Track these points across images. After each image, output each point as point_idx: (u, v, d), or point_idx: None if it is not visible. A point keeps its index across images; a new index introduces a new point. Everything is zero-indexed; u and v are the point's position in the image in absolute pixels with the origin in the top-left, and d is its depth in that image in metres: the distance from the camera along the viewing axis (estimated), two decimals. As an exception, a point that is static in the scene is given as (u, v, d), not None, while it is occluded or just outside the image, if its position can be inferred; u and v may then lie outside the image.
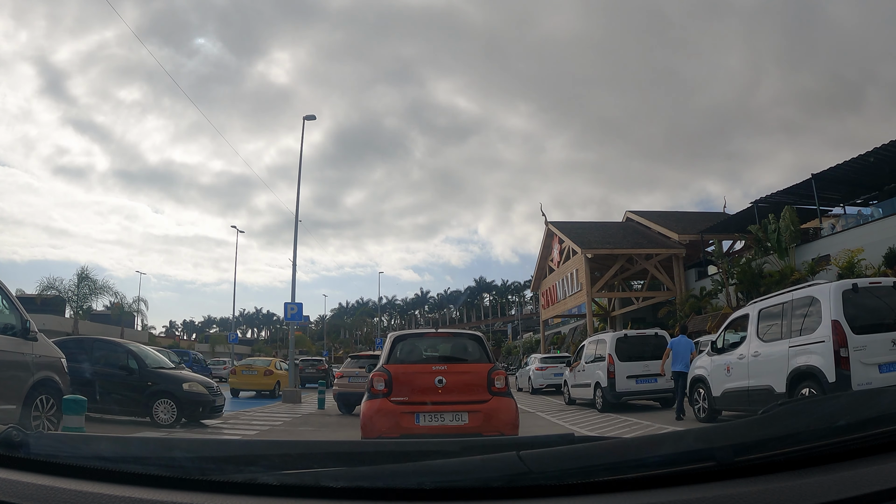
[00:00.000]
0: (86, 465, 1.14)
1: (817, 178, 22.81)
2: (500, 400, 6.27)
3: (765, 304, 9.09)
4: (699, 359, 10.78)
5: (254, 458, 1.23)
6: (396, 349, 6.75)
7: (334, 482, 1.06)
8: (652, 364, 13.08)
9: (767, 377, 8.37)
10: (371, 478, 1.10)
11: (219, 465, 1.15)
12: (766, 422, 1.16)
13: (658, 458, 1.07)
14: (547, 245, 40.39)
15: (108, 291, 39.06)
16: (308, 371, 27.80)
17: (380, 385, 6.22)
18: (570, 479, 1.04)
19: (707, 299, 27.21)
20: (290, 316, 19.80)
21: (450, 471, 1.11)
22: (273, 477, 1.09)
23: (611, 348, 13.43)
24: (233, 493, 1.07)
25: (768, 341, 8.61)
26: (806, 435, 1.07)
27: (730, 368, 9.38)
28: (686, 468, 1.04)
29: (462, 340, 7.20)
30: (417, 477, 1.07)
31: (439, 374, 6.24)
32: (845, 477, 0.97)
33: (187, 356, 31.88)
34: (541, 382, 21.43)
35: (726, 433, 1.15)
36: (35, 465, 1.15)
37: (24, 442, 1.19)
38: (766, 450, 1.04)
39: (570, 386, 16.19)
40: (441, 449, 1.33)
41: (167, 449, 1.29)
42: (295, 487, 1.07)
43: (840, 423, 1.09)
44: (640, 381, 13.17)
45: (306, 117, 20.95)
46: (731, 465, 1.02)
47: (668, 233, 32.68)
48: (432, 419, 6.06)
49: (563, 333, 52.71)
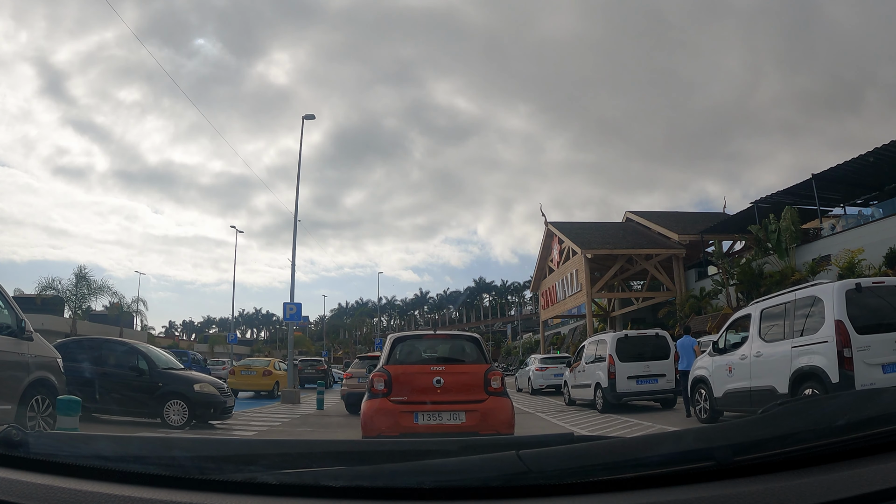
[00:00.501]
0: (85, 464, 1.14)
1: (817, 178, 22.86)
2: (497, 399, 6.46)
3: (767, 304, 9.04)
4: (701, 359, 10.73)
5: (253, 458, 1.24)
6: (396, 350, 6.94)
7: (334, 481, 1.07)
8: (653, 364, 13.06)
9: (770, 377, 8.33)
10: (370, 477, 1.10)
11: (218, 465, 1.16)
12: (765, 422, 1.16)
13: (657, 458, 1.08)
14: (546, 245, 40.45)
15: (107, 291, 39.13)
16: (307, 371, 27.88)
17: (380, 385, 6.42)
18: (569, 479, 1.05)
19: (707, 300, 27.29)
20: (289, 316, 19.80)
21: (449, 470, 1.12)
22: (272, 476, 1.10)
23: (611, 349, 13.36)
24: (232, 492, 1.07)
25: (770, 341, 8.56)
26: (805, 435, 1.08)
27: (731, 369, 9.34)
28: (685, 468, 1.04)
29: (460, 342, 7.42)
30: (417, 476, 1.08)
31: (437, 374, 6.44)
32: (845, 477, 0.98)
33: (186, 356, 31.66)
34: (541, 383, 21.50)
35: (725, 433, 1.16)
36: (35, 465, 1.16)
37: (24, 441, 1.19)
38: (765, 449, 1.05)
39: (570, 386, 16.18)
40: (440, 448, 1.34)
41: (167, 448, 1.29)
42: (294, 487, 1.08)
43: (839, 423, 1.10)
44: (641, 381, 13.09)
45: (305, 117, 20.98)
46: (731, 464, 1.02)
47: (668, 233, 32.74)
48: (430, 418, 6.25)
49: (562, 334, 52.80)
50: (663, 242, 32.62)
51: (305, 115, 20.99)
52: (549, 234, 39.30)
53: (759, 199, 26.73)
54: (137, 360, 10.60)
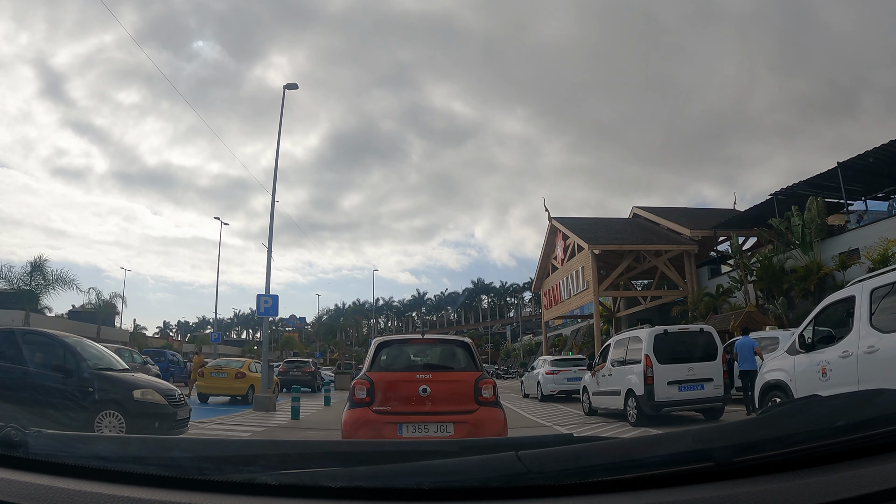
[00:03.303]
0: (85, 464, 1.19)
1: (843, 166, 22.25)
2: (488, 410, 6.28)
3: (880, 282, 7.19)
4: (774, 359, 9.01)
5: (252, 458, 1.28)
6: (380, 356, 6.77)
7: (333, 482, 1.11)
8: (698, 367, 11.46)
9: None
10: (370, 478, 1.15)
11: (217, 465, 1.20)
12: (764, 422, 1.21)
13: (657, 459, 1.12)
14: (550, 242, 40.20)
15: (69, 284, 35.87)
16: (293, 374, 26.75)
17: (361, 394, 6.24)
18: (568, 480, 1.09)
19: (724, 297, 26.87)
20: (263, 310, 18.23)
21: (448, 471, 1.16)
22: (271, 477, 1.14)
23: (648, 348, 11.56)
24: (231, 492, 1.12)
25: (889, 331, 6.79)
26: (804, 435, 1.12)
27: (826, 370, 7.61)
28: (684, 468, 1.09)
29: (449, 347, 7.20)
30: (416, 477, 1.12)
31: (424, 382, 6.22)
32: (844, 477, 1.02)
33: (163, 356, 30.37)
34: (552, 388, 19.97)
35: (725, 434, 1.20)
36: (34, 465, 1.21)
37: (23, 441, 1.25)
38: (764, 450, 1.09)
39: (591, 393, 14.47)
40: (440, 449, 1.39)
41: (166, 449, 1.34)
42: (293, 487, 1.12)
43: (838, 424, 1.14)
44: (684, 387, 11.34)
45: (287, 86, 20.61)
46: (730, 465, 1.07)
47: (678, 228, 32.54)
48: (416, 430, 6.07)
49: (564, 336, 52.81)
50: (674, 238, 32.44)
51: (287, 84, 20.60)
52: (552, 230, 39.10)
53: (779, 191, 26.37)
54: (63, 358, 8.48)
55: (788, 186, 25.78)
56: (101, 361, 9.08)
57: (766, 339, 14.38)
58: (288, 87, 20.68)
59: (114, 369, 9.14)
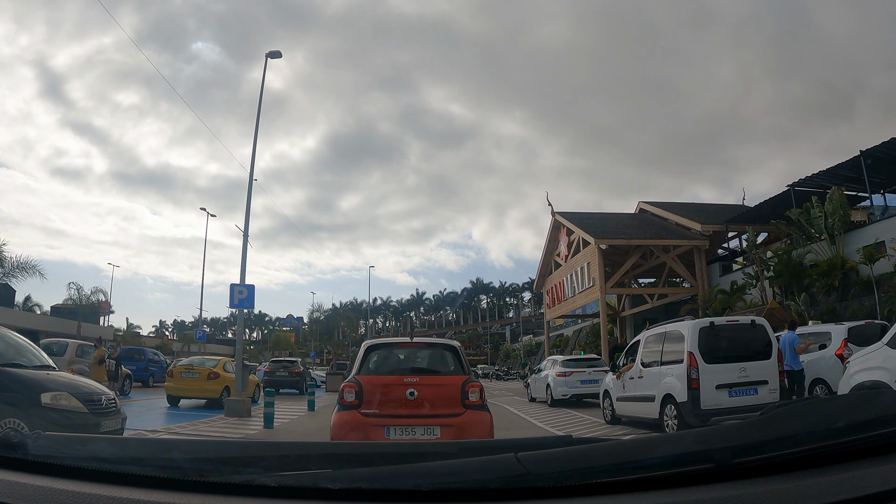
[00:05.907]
0: (84, 466, 1.24)
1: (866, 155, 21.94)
2: (474, 413, 6.57)
3: None
4: (866, 355, 8.00)
5: (251, 460, 1.33)
6: (369, 359, 7.06)
7: (332, 483, 1.16)
8: (750, 367, 10.02)
9: None
10: (369, 479, 1.19)
11: (216, 467, 1.25)
12: (764, 423, 1.25)
13: (656, 460, 1.16)
14: (553, 238, 40.06)
15: (31, 271, 33.48)
16: (279, 374, 25.56)
17: (350, 397, 6.54)
18: (568, 481, 1.13)
19: (739, 294, 26.57)
20: (237, 302, 16.65)
21: (447, 472, 1.20)
22: (271, 478, 1.19)
23: (692, 345, 10.02)
24: (230, 494, 1.16)
25: None
26: (804, 437, 1.16)
27: None
28: (684, 470, 1.13)
29: (437, 351, 7.49)
30: (415, 478, 1.17)
31: (411, 385, 6.55)
32: (844, 479, 1.06)
33: (142, 355, 28.50)
34: (563, 392, 18.68)
35: (724, 435, 1.25)
36: (33, 466, 1.25)
37: (22, 443, 1.30)
38: (764, 451, 1.14)
39: (614, 399, 12.84)
40: (439, 450, 1.44)
41: (165, 450, 1.39)
42: (293, 489, 1.17)
43: (838, 425, 1.19)
44: (735, 392, 9.90)
45: (269, 54, 19.95)
46: (730, 466, 1.11)
47: (688, 223, 32.41)
48: (403, 433, 6.37)
49: (565, 336, 52.82)
50: (683, 234, 32.31)
51: (269, 53, 19.84)
52: (555, 225, 38.95)
53: (797, 182, 26.11)
54: None
55: (808, 177, 25.52)
56: (15, 354, 7.65)
57: (812, 334, 12.80)
58: (270, 55, 19.86)
59: (27, 366, 7.59)
